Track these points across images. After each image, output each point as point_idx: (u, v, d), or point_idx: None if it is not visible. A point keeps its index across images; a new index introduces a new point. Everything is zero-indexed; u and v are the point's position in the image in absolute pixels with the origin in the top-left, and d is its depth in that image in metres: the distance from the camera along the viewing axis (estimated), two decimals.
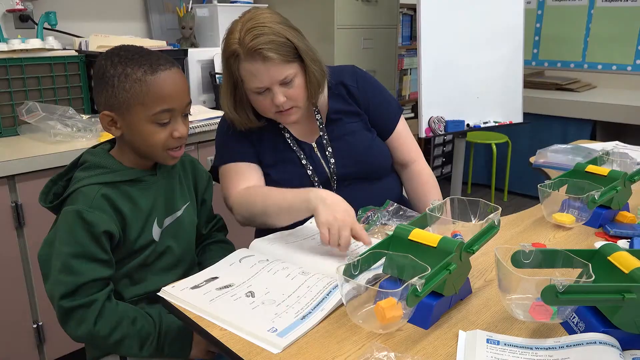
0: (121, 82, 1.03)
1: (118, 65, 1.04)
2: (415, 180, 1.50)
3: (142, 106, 1.04)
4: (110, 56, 1.06)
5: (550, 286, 0.78)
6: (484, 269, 1.09)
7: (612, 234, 1.23)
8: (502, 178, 3.87)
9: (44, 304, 1.77)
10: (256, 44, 1.20)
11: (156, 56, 1.08)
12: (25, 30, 2.16)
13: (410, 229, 0.94)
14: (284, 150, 1.39)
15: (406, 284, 0.81)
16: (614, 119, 3.28)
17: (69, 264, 1.02)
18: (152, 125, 1.07)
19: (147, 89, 1.04)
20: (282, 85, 1.25)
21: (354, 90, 1.44)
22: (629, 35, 3.65)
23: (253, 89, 1.26)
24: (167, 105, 1.06)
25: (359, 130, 1.43)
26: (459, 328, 0.88)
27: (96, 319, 1.04)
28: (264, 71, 1.22)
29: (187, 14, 2.50)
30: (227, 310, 0.93)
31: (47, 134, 1.79)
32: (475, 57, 2.69)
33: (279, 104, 1.26)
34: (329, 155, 1.39)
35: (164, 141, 1.08)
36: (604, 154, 1.52)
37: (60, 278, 1.03)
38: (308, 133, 1.42)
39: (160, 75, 1.05)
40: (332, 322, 0.91)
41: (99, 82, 1.07)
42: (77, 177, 1.09)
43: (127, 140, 1.10)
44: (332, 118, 1.42)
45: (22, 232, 1.68)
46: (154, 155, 1.12)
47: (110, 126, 1.09)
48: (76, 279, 1.03)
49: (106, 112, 1.07)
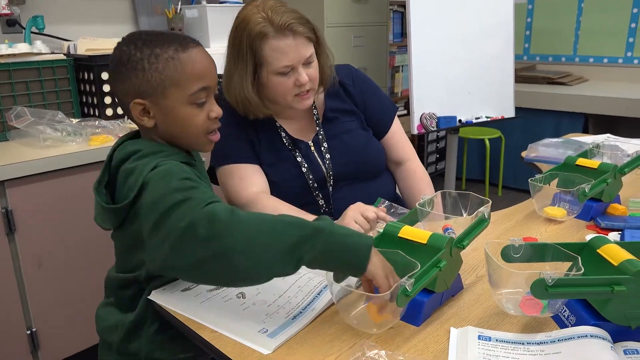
0: (152, 64, 0.94)
1: (144, 48, 0.95)
2: (410, 179, 1.51)
3: (177, 87, 0.95)
4: (131, 41, 0.97)
5: (540, 280, 0.77)
6: (475, 264, 1.09)
7: (603, 226, 1.23)
8: (496, 173, 3.87)
9: (38, 310, 1.76)
10: (287, 19, 1.22)
11: (180, 35, 1.00)
12: (12, 35, 2.15)
13: (400, 226, 0.94)
14: (281, 150, 1.38)
15: (396, 284, 0.80)
16: (606, 112, 3.28)
17: (183, 183, 0.85)
18: (190, 107, 0.97)
19: (182, 67, 0.95)
20: (304, 65, 1.26)
21: (350, 89, 1.44)
22: (620, 28, 3.66)
23: (279, 69, 1.24)
24: (203, 83, 0.97)
25: (355, 129, 1.43)
26: (451, 325, 0.88)
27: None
28: (294, 48, 1.23)
29: (176, 15, 2.49)
30: (218, 312, 0.92)
31: (36, 139, 1.78)
32: (466, 53, 2.68)
33: (304, 83, 1.26)
34: (325, 151, 1.39)
35: (203, 123, 0.99)
36: (595, 146, 1.52)
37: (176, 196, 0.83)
38: (304, 131, 1.41)
39: (193, 51, 0.96)
40: (322, 321, 0.90)
41: (123, 69, 0.96)
42: (141, 164, 0.92)
43: (162, 130, 0.99)
44: (328, 116, 1.42)
45: (13, 238, 1.67)
46: (193, 141, 1.02)
47: (142, 116, 0.97)
48: (194, 187, 0.85)
49: (138, 101, 0.96)
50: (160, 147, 0.98)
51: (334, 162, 1.39)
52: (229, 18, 2.55)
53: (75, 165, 1.74)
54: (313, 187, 1.38)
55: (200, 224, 0.78)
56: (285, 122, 1.40)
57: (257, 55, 1.24)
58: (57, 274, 1.76)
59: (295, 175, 1.37)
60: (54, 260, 1.76)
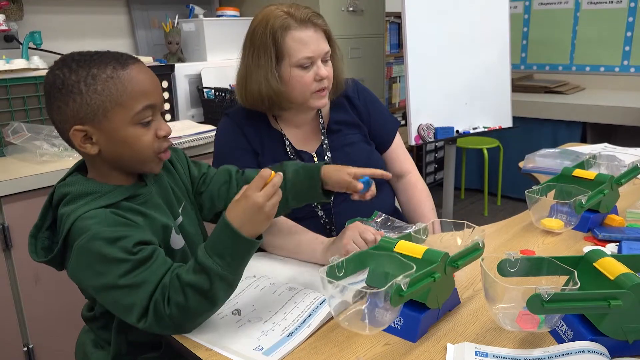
0: (90, 85, 0.88)
1: (79, 70, 0.89)
2: (410, 191, 1.52)
3: (120, 107, 0.90)
4: (65, 63, 0.90)
5: (536, 295, 0.77)
6: (473, 278, 1.08)
7: (600, 237, 1.23)
8: (495, 182, 3.87)
9: (34, 326, 1.75)
10: (308, 12, 1.28)
11: (117, 53, 0.94)
12: (10, 51, 2.15)
13: (395, 241, 0.93)
14: (283, 160, 1.37)
15: (390, 283, 0.79)
16: (603, 121, 3.29)
17: (125, 284, 0.87)
18: (136, 127, 0.92)
19: (122, 86, 0.89)
20: (323, 61, 1.30)
21: (355, 102, 1.46)
22: (616, 37, 3.68)
23: (300, 60, 1.27)
24: (148, 101, 0.92)
25: (358, 142, 1.44)
26: (447, 340, 0.87)
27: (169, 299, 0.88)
28: (315, 39, 1.28)
29: (173, 29, 2.50)
30: (213, 329, 0.92)
31: (33, 154, 1.78)
32: (462, 63, 2.69)
33: (324, 76, 1.29)
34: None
35: (152, 143, 0.94)
36: (591, 157, 1.52)
37: (127, 303, 0.87)
38: (308, 142, 1.42)
39: (133, 68, 0.91)
40: (318, 338, 0.90)
41: (57, 95, 0.89)
42: (64, 212, 0.91)
43: (107, 156, 0.94)
44: (332, 128, 1.43)
45: (9, 254, 1.66)
46: (142, 163, 0.96)
47: (84, 143, 0.91)
48: (143, 293, 0.87)
49: (78, 127, 0.90)
50: (90, 186, 0.93)
51: None
52: (226, 32, 2.60)
53: None
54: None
55: (154, 323, 0.88)
56: (290, 131, 1.40)
57: (278, 47, 1.27)
58: (54, 290, 1.75)
59: None
60: (51, 277, 1.75)
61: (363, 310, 0.87)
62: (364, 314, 0.87)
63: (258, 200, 0.87)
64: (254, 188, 0.88)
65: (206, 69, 2.47)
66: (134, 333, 0.99)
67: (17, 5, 2.19)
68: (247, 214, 0.87)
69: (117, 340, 1.01)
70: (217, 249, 0.87)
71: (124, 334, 1.01)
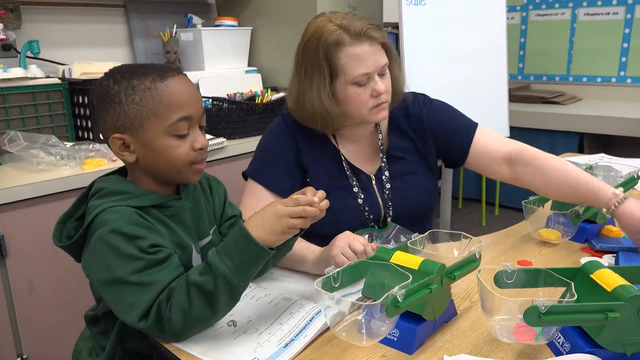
0: (129, 96, 0.92)
1: (122, 81, 0.93)
2: (544, 170, 1.30)
3: (156, 118, 0.92)
4: (111, 75, 0.95)
5: (533, 307, 0.77)
6: (469, 289, 1.08)
7: (597, 248, 1.23)
8: (493, 192, 3.87)
9: (28, 336, 1.73)
10: (362, 25, 1.19)
11: (160, 65, 0.98)
12: (7, 60, 2.15)
13: (392, 252, 0.93)
14: (338, 176, 1.31)
15: (387, 294, 0.79)
16: (600, 131, 3.29)
17: (134, 282, 0.88)
18: (171, 138, 0.94)
19: (159, 97, 0.92)
20: (379, 75, 1.22)
21: (417, 123, 1.37)
22: (612, 48, 3.69)
23: (356, 77, 1.19)
24: (183, 113, 0.93)
25: (420, 172, 1.37)
26: (444, 352, 0.87)
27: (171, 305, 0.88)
28: (370, 54, 1.19)
29: (171, 38, 2.50)
30: (208, 341, 0.91)
31: (29, 163, 1.77)
32: (459, 73, 2.70)
33: (381, 91, 1.21)
34: (387, 191, 1.32)
35: (187, 155, 0.95)
36: (588, 168, 1.52)
37: (131, 301, 0.88)
38: (366, 162, 1.34)
39: (171, 80, 0.94)
40: (315, 349, 0.89)
41: (102, 104, 0.94)
42: (94, 205, 0.94)
43: (144, 165, 0.96)
44: (393, 155, 1.35)
45: (4, 263, 1.65)
46: (178, 173, 0.98)
47: (123, 151, 0.95)
48: (150, 293, 0.88)
49: (116, 135, 0.94)
50: (126, 186, 0.96)
51: (394, 203, 1.32)
52: (224, 41, 2.61)
53: (68, 190, 1.73)
54: (370, 223, 1.30)
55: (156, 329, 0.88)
56: (346, 147, 1.33)
57: (332, 65, 1.20)
58: (49, 299, 1.74)
59: (351, 207, 1.29)
60: (46, 286, 1.74)
61: (359, 320, 0.87)
62: (361, 324, 0.86)
63: (279, 208, 0.88)
64: (282, 202, 0.90)
65: (204, 78, 2.47)
66: (131, 342, 0.99)
67: (15, 14, 2.19)
68: (265, 220, 0.88)
69: (113, 347, 1.00)
70: (227, 249, 0.88)
71: (121, 342, 1.00)
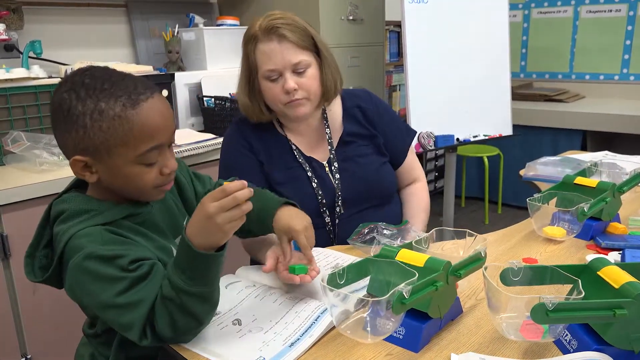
0: (95, 122, 0.84)
1: (87, 100, 0.84)
2: (409, 201, 1.52)
3: (125, 147, 0.86)
4: (73, 86, 0.86)
5: (540, 304, 0.76)
6: (475, 287, 1.07)
7: (603, 246, 1.22)
8: (496, 190, 3.86)
9: (33, 336, 1.73)
10: (273, 22, 1.25)
11: (132, 82, 0.88)
12: (10, 60, 2.15)
13: (397, 249, 0.92)
14: (292, 167, 1.37)
15: (393, 290, 0.78)
16: (603, 129, 3.29)
17: (122, 303, 0.85)
18: (139, 166, 0.89)
19: (130, 126, 0.85)
20: (295, 73, 1.27)
21: (370, 114, 1.44)
22: (615, 45, 3.69)
23: (265, 73, 1.27)
24: (155, 142, 0.88)
25: (370, 154, 1.43)
26: (450, 350, 0.86)
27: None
28: (278, 52, 1.25)
29: (173, 38, 2.50)
30: (213, 340, 0.91)
31: (32, 163, 1.77)
32: (462, 71, 2.69)
33: (289, 90, 1.26)
34: (335, 171, 1.38)
35: (154, 180, 0.91)
36: (593, 165, 1.51)
37: (125, 322, 0.85)
38: (318, 149, 1.41)
39: (144, 107, 0.86)
40: (321, 346, 0.89)
41: (61, 121, 0.86)
42: (59, 230, 0.89)
43: (107, 184, 0.92)
44: (345, 140, 1.41)
45: (8, 264, 1.65)
46: (142, 195, 0.94)
47: (84, 172, 0.89)
48: (140, 311, 0.85)
49: (78, 158, 0.87)
50: (89, 204, 0.91)
51: (343, 184, 1.37)
52: (226, 41, 2.60)
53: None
54: (322, 209, 1.35)
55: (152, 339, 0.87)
56: (296, 138, 1.40)
57: (250, 59, 1.29)
58: (53, 300, 1.74)
59: (307, 194, 1.34)
60: (49, 287, 1.73)
61: (365, 318, 0.87)
62: (366, 322, 0.86)
63: (209, 210, 0.81)
64: (211, 198, 0.82)
65: (206, 77, 2.47)
66: (134, 350, 0.97)
67: (17, 15, 2.19)
68: (199, 225, 0.83)
69: (116, 356, 0.99)
70: (178, 262, 0.85)
71: (124, 351, 0.99)
